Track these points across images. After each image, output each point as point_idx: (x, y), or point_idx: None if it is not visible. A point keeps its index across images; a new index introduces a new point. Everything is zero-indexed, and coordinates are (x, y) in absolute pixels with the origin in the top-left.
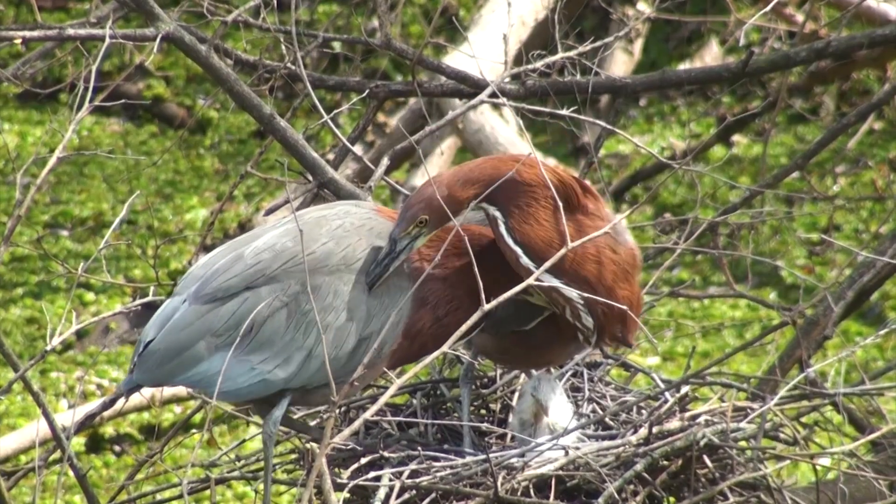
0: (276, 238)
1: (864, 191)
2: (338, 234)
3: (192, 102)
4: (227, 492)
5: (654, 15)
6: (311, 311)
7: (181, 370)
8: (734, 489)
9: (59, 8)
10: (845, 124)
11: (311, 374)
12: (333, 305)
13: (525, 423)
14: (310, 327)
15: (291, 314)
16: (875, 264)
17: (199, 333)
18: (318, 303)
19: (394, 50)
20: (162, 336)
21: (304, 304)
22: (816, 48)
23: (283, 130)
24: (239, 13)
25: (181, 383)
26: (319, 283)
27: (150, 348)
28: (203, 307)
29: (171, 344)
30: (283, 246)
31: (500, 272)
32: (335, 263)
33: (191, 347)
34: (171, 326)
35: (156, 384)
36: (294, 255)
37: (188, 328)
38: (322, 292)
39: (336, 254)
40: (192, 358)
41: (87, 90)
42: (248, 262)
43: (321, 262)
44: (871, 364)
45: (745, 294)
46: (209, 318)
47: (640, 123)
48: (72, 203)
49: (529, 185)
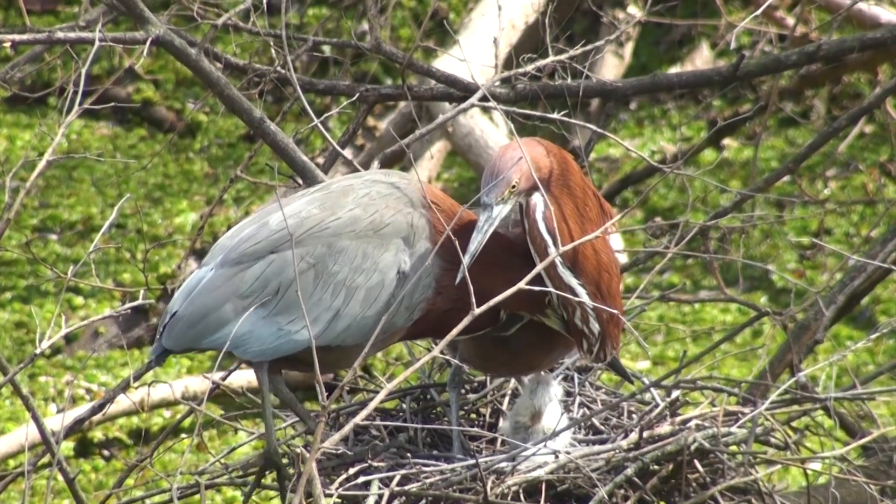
0: (302, 206)
1: (855, 194)
2: (364, 202)
3: (182, 106)
4: (217, 496)
5: (645, 18)
6: (338, 272)
7: (208, 333)
8: (725, 494)
9: (48, 11)
10: (836, 128)
11: (337, 334)
12: (363, 267)
13: (519, 426)
14: (337, 288)
15: (318, 275)
16: (866, 268)
17: (226, 296)
18: (346, 264)
19: (384, 53)
20: (189, 301)
21: (330, 265)
22: (807, 52)
23: (273, 134)
24: (229, 17)
25: (208, 346)
26: (346, 245)
27: (177, 314)
28: (229, 271)
29: (198, 308)
30: (308, 213)
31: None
32: (362, 228)
33: (217, 310)
34: (197, 291)
35: (184, 349)
36: (320, 221)
37: (215, 292)
38: (350, 254)
39: (363, 219)
40: (219, 320)
41: (76, 94)
42: (273, 228)
43: (347, 226)
44: (862, 368)
45: (735, 298)
46: (235, 282)
47: (631, 127)
48: (61, 207)
49: (581, 185)
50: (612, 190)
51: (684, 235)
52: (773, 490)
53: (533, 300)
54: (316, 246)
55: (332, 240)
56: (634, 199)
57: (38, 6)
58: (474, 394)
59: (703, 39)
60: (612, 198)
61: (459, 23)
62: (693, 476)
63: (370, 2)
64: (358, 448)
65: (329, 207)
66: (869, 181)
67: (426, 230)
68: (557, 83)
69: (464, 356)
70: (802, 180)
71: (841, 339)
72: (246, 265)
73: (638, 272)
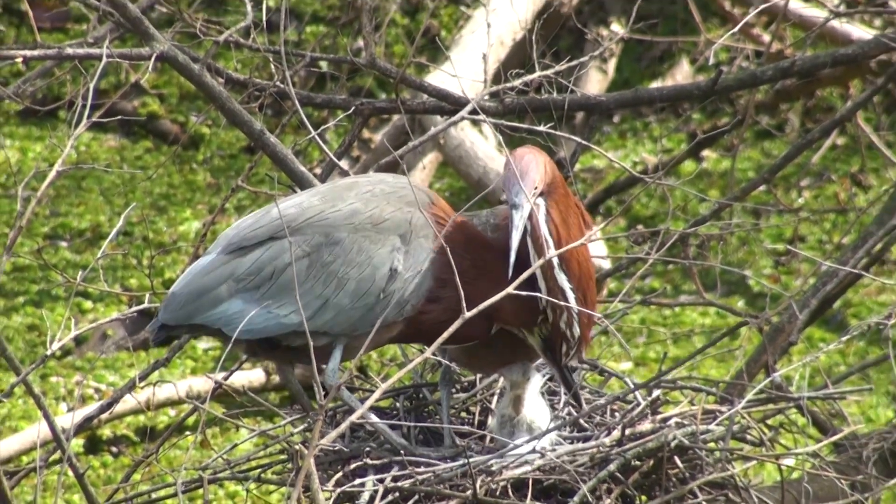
0: (305, 197)
1: (828, 203)
2: (366, 197)
3: (186, 119)
4: (220, 491)
5: (628, 35)
6: (331, 262)
7: (202, 310)
8: (703, 488)
9: (58, 29)
10: (809, 140)
11: (325, 322)
12: (357, 261)
13: (505, 419)
14: (329, 278)
15: (312, 264)
16: (838, 274)
17: (222, 278)
18: (340, 255)
19: (378, 69)
20: (187, 280)
21: (325, 255)
22: (782, 67)
23: (273, 146)
24: (230, 34)
25: (201, 322)
26: (342, 237)
27: (174, 290)
28: (227, 255)
29: (195, 287)
30: (309, 203)
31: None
32: (360, 222)
33: (213, 290)
34: (196, 272)
35: (179, 323)
36: (320, 211)
37: (212, 273)
38: (345, 246)
39: (362, 213)
40: (213, 299)
41: (84, 107)
42: (275, 216)
43: (346, 218)
44: (834, 369)
45: (714, 302)
46: (232, 264)
47: (614, 139)
48: (70, 215)
49: (565, 193)
50: (596, 199)
51: (665, 242)
52: (748, 485)
53: (524, 312)
54: (313, 235)
55: (330, 230)
56: (617, 208)
57: (48, 24)
58: (464, 393)
59: (682, 55)
60: (596, 207)
61: (450, 40)
62: (673, 471)
63: (365, 20)
64: (355, 444)
65: (331, 200)
66: (841, 191)
67: (425, 230)
68: (544, 97)
69: (451, 356)
70: (778, 190)
71: (814, 341)
72: (245, 250)
73: (621, 277)
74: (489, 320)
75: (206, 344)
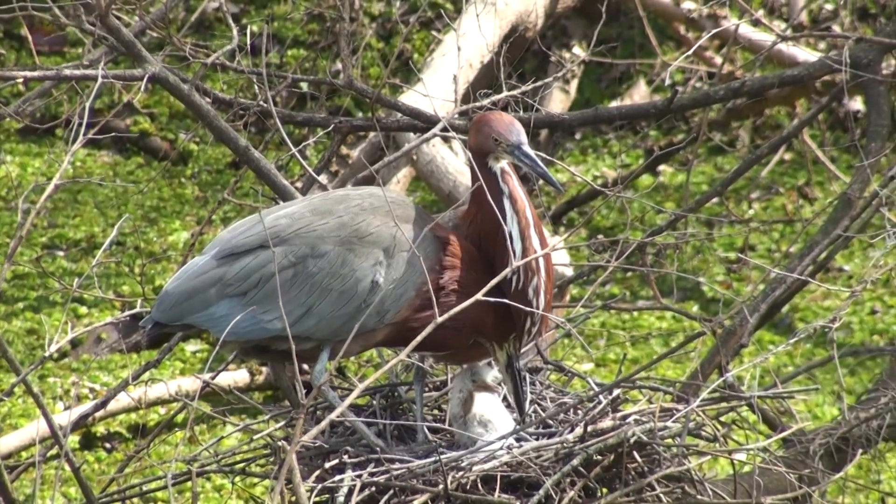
0: (297, 208)
1: (776, 215)
2: (354, 211)
3: (175, 136)
4: (207, 484)
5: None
6: (316, 273)
7: (191, 311)
8: (661, 481)
9: (55, 52)
10: (759, 155)
11: (307, 328)
12: (340, 273)
13: (456, 417)
14: (313, 288)
15: (298, 274)
16: (786, 280)
17: (212, 281)
18: (325, 267)
19: (355, 89)
20: (178, 281)
21: (311, 266)
22: (733, 87)
23: (257, 161)
24: (217, 56)
25: (190, 322)
26: (328, 249)
27: (167, 289)
28: (219, 260)
29: (186, 288)
30: (300, 214)
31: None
32: (346, 235)
33: (203, 292)
34: (188, 274)
35: (169, 321)
36: (309, 223)
37: (202, 276)
38: (330, 258)
39: (348, 226)
40: (202, 301)
41: (80, 125)
42: (267, 224)
43: (333, 231)
44: (782, 369)
45: (670, 307)
46: (221, 270)
47: (576, 155)
48: (67, 226)
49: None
50: (559, 211)
51: (624, 251)
52: (703, 478)
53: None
54: (301, 246)
55: (317, 242)
56: (579, 219)
57: (47, 47)
58: (436, 391)
59: (640, 77)
60: (559, 218)
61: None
62: (632, 465)
63: (343, 43)
64: (334, 439)
65: (321, 212)
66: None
67: (408, 245)
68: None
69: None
70: (729, 202)
71: (763, 344)
72: (235, 256)
73: (582, 284)
74: (472, 333)
75: (194, 346)
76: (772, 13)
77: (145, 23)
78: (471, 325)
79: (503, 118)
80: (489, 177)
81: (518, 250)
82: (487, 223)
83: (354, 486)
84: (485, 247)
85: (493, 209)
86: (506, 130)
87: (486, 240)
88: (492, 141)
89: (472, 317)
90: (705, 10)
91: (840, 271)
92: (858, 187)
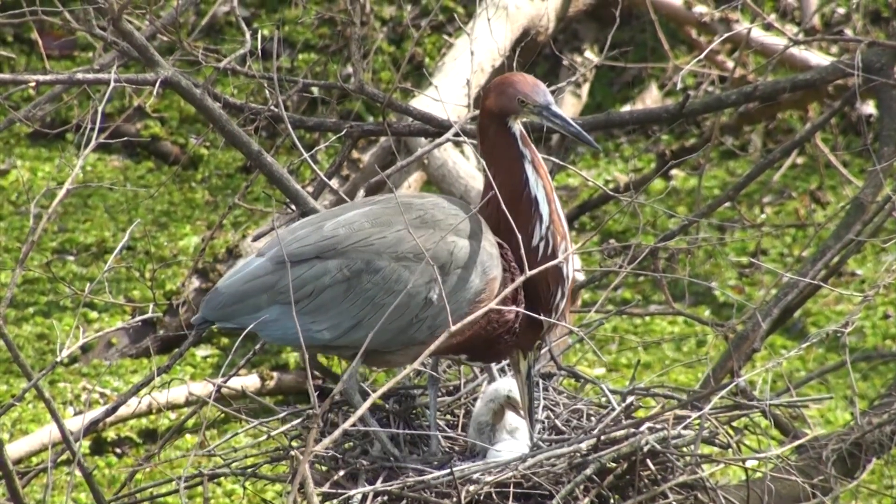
0: (357, 217)
1: (788, 219)
2: (415, 224)
3: (185, 141)
4: (217, 489)
5: (600, 62)
6: (370, 288)
7: (242, 313)
8: (674, 489)
9: (65, 56)
10: (771, 160)
11: (353, 339)
12: (395, 289)
13: (482, 426)
14: (365, 302)
15: (351, 288)
16: (798, 285)
17: (265, 287)
18: (379, 283)
19: (366, 94)
20: (231, 281)
21: (365, 281)
22: (745, 91)
23: (269, 165)
24: (228, 61)
25: (238, 324)
26: (383, 265)
27: (218, 289)
28: (274, 265)
29: (238, 290)
30: (360, 225)
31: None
32: (403, 251)
33: (255, 296)
34: (242, 276)
35: (219, 320)
36: (367, 236)
37: (255, 280)
38: (384, 274)
39: (406, 242)
40: (253, 305)
41: (91, 130)
42: (325, 234)
43: (390, 246)
44: (794, 374)
45: (682, 312)
46: (276, 276)
47: (588, 159)
48: (77, 231)
49: None
50: (570, 215)
51: (636, 256)
52: (716, 485)
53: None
54: (356, 261)
55: (373, 257)
56: (591, 224)
57: (57, 51)
58: (449, 396)
59: (652, 81)
60: (571, 222)
61: (434, 66)
62: (646, 474)
63: (354, 48)
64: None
65: (381, 224)
66: (800, 207)
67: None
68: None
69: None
70: (741, 206)
71: (776, 348)
72: (291, 265)
73: (594, 289)
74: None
75: (205, 351)
76: (784, 17)
77: (156, 27)
78: (504, 329)
79: (527, 79)
80: (508, 140)
81: (544, 214)
82: (507, 190)
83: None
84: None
85: (516, 174)
86: (532, 91)
87: (509, 208)
88: (517, 102)
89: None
90: (717, 14)
91: (853, 276)
92: (871, 191)
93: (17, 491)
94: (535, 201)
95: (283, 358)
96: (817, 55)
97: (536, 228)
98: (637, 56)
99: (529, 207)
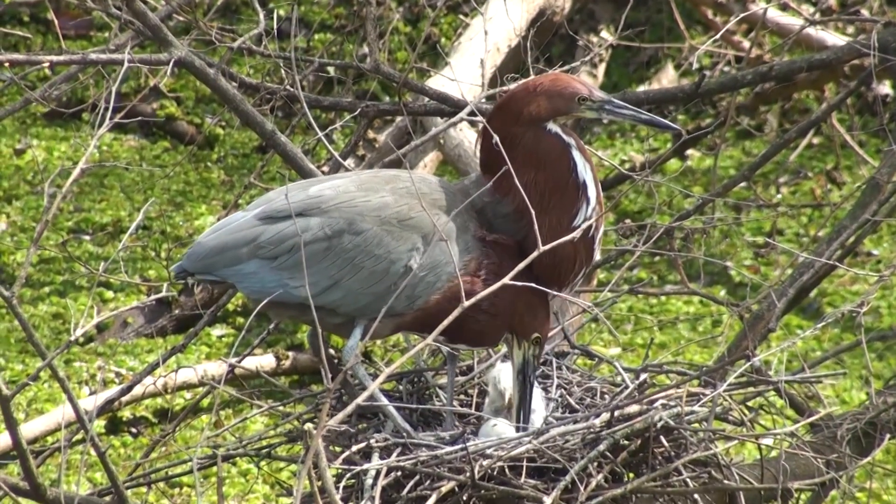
0: (344, 182)
1: (804, 199)
2: (400, 192)
3: (201, 121)
4: (233, 469)
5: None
6: (351, 249)
7: (221, 265)
8: (688, 466)
9: (81, 36)
10: (787, 140)
11: (332, 300)
12: (375, 253)
13: (499, 411)
14: (344, 263)
15: (332, 247)
16: (814, 265)
17: (246, 240)
18: (360, 245)
19: (382, 74)
20: (214, 235)
21: (346, 241)
22: (761, 72)
23: (284, 145)
24: (243, 41)
25: (218, 276)
26: (366, 228)
27: (200, 242)
28: (256, 220)
29: (219, 242)
30: (345, 188)
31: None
32: (387, 216)
33: (235, 249)
34: (224, 229)
35: (198, 272)
36: (352, 198)
37: (237, 233)
38: (366, 237)
39: (391, 207)
40: (233, 258)
41: (106, 110)
42: (310, 194)
43: (374, 210)
44: (810, 354)
45: (697, 291)
46: (257, 230)
47: (603, 139)
48: (93, 210)
49: None
50: None
51: (651, 235)
52: (730, 463)
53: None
54: (339, 220)
55: (356, 218)
56: (607, 204)
57: (73, 32)
58: (463, 377)
59: (668, 61)
60: None
61: (450, 46)
62: (659, 450)
63: (370, 28)
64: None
65: (366, 189)
66: (816, 187)
67: (449, 234)
68: None
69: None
70: (757, 186)
71: (791, 328)
72: (272, 220)
73: (610, 268)
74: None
75: (220, 331)
76: None
77: (171, 7)
78: (504, 311)
79: (571, 78)
80: (551, 140)
81: (591, 196)
82: (551, 181)
83: (380, 470)
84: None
85: (564, 164)
86: (589, 89)
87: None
88: (576, 102)
89: (506, 301)
90: None
91: (868, 256)
92: (887, 171)
93: (31, 470)
94: (584, 185)
95: (299, 338)
96: (833, 35)
97: (582, 209)
98: (653, 36)
99: (576, 192)
